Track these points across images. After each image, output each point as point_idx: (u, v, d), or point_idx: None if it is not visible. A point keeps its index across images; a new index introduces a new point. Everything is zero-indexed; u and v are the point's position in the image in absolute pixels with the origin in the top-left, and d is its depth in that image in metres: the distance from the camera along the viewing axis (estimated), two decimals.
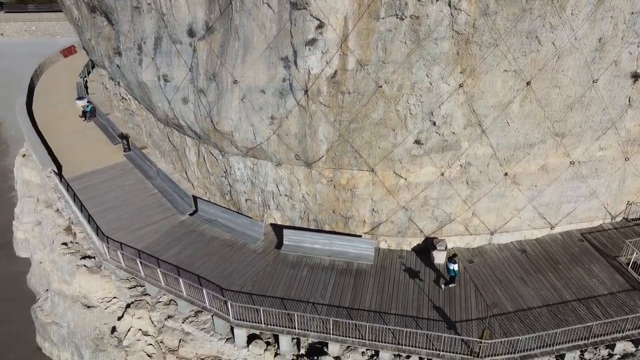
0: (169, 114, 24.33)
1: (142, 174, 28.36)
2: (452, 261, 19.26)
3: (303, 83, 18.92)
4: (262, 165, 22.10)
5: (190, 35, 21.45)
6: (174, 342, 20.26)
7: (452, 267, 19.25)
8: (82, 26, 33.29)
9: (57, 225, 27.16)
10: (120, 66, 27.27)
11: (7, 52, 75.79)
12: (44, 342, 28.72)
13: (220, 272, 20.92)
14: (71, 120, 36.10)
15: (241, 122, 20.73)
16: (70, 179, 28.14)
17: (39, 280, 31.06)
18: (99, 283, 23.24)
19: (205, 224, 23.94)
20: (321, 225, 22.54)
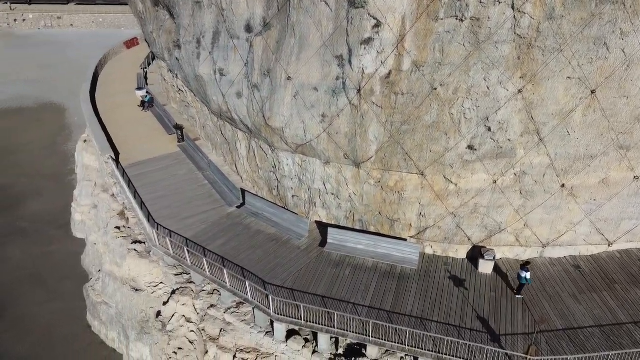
0: (223, 107, 24.80)
1: (194, 165, 29.09)
2: (524, 269, 18.71)
3: (356, 82, 18.81)
4: (310, 162, 22.16)
5: (247, 31, 21.77)
6: (215, 331, 20.66)
7: (524, 275, 18.71)
8: (146, 19, 34.46)
9: (112, 209, 28.29)
10: (179, 59, 28.03)
11: (75, 42, 79.79)
12: (94, 321, 30.02)
13: (263, 266, 21.15)
14: (130, 110, 37.45)
15: (292, 118, 20.86)
16: (126, 166, 29.20)
17: (93, 261, 32.47)
18: (147, 268, 24.03)
19: (252, 218, 24.27)
20: (366, 226, 22.39)
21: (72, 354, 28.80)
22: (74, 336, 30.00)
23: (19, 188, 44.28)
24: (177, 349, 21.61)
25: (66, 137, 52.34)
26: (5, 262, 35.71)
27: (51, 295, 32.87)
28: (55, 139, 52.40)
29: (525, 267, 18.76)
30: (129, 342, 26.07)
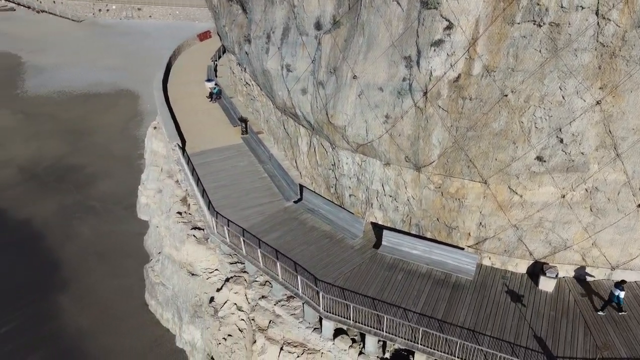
0: (287, 102, 25.10)
1: (255, 158, 29.66)
2: (619, 287, 17.87)
3: (423, 84, 18.46)
4: (370, 163, 22.01)
5: (316, 28, 21.89)
6: (265, 322, 20.98)
7: (617, 294, 17.87)
8: (219, 13, 35.46)
9: (175, 195, 29.36)
10: (248, 53, 28.65)
11: (152, 33, 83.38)
12: (151, 300, 31.31)
13: (316, 262, 21.25)
14: (198, 100, 38.71)
15: (355, 117, 20.78)
16: (191, 154, 30.21)
17: (154, 242, 33.87)
18: (204, 254, 24.76)
19: (308, 213, 24.43)
20: (423, 231, 21.96)
21: (128, 330, 30.18)
22: (131, 313, 31.42)
23: (92, 168, 46.89)
24: (227, 335, 22.15)
25: (138, 123, 54.81)
26: (74, 238, 37.97)
27: (113, 272, 34.58)
28: (128, 124, 55.00)
29: (620, 286, 17.89)
30: (182, 324, 27.02)
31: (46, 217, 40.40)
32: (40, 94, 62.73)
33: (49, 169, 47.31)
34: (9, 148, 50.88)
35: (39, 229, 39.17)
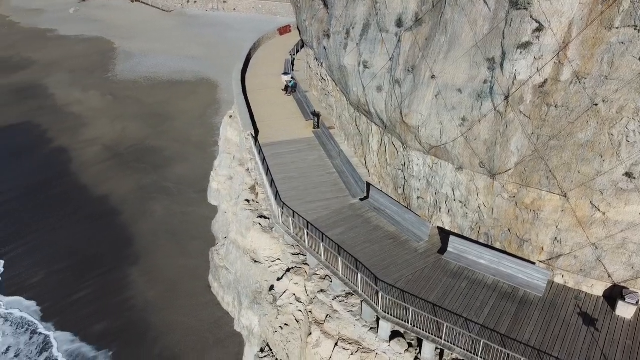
0: (362, 99, 24.97)
1: (325, 152, 29.79)
2: None
3: (505, 88, 17.68)
4: (442, 165, 21.43)
5: (397, 26, 21.58)
6: (322, 315, 21.04)
7: None
8: (301, 7, 35.88)
9: (245, 183, 30.12)
10: (326, 48, 28.77)
11: (235, 25, 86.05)
12: (214, 282, 32.38)
13: (377, 262, 21.01)
14: (274, 92, 39.42)
15: (430, 118, 20.29)
16: (263, 144, 30.83)
17: (221, 227, 34.97)
18: (268, 243, 25.22)
19: (373, 212, 24.21)
20: (492, 241, 21.10)
21: (191, 308, 31.42)
22: (194, 293, 32.68)
23: (170, 152, 49.19)
24: (283, 324, 22.44)
25: (215, 111, 56.78)
26: (148, 216, 40.02)
27: (181, 251, 36.13)
28: (206, 111, 57.12)
29: None
30: (242, 309, 27.71)
31: (124, 194, 42.88)
32: (128, 79, 66.57)
33: (131, 149, 50.16)
34: (97, 127, 54.49)
35: (117, 205, 41.67)
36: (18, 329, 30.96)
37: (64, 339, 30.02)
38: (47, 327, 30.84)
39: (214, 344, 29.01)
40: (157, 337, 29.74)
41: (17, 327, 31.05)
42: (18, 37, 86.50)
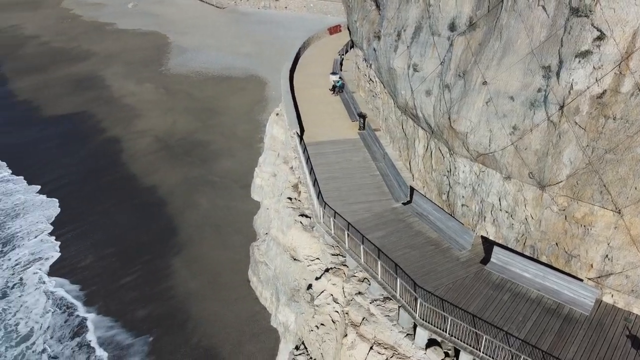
0: (409, 102, 24.72)
1: (369, 154, 29.68)
2: None
3: (561, 98, 17.09)
4: (489, 174, 20.94)
5: (450, 29, 21.22)
6: (358, 318, 21.00)
7: None
8: (353, 8, 35.86)
9: (288, 180, 30.41)
10: (376, 49, 28.64)
11: (285, 23, 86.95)
12: (253, 276, 32.88)
13: (417, 268, 20.77)
14: (321, 92, 39.60)
15: (479, 125, 19.87)
16: (308, 143, 31.02)
17: (263, 223, 35.44)
18: (308, 241, 25.37)
19: (415, 217, 23.94)
20: (538, 254, 20.46)
21: (229, 301, 32.03)
22: (234, 286, 33.30)
23: (217, 146, 50.26)
24: (319, 324, 22.55)
25: (262, 108, 57.57)
26: (194, 208, 41.04)
27: (223, 244, 36.87)
28: (253, 107, 58.01)
29: None
30: (279, 305, 28.02)
31: (172, 186, 44.15)
32: (181, 73, 68.43)
33: (180, 141, 51.57)
34: (149, 119, 56.31)
35: (165, 196, 42.95)
36: (59, 310, 32.39)
37: (102, 324, 31.14)
38: (89, 311, 32.10)
39: (250, 338, 29.48)
40: (195, 326, 30.50)
41: (58, 308, 32.51)
42: (80, 30, 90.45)
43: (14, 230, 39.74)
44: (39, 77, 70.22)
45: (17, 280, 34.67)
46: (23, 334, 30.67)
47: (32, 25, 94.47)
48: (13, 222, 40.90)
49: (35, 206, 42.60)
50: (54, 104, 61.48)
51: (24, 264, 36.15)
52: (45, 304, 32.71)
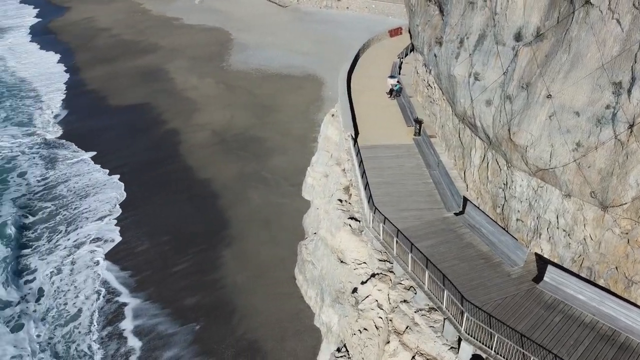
0: (468, 111, 24.27)
1: (423, 161, 29.37)
2: None
3: (631, 116, 16.32)
4: (547, 190, 20.27)
5: (516, 39, 20.67)
6: (402, 326, 20.89)
7: None
8: (415, 12, 35.54)
9: (339, 182, 30.56)
10: (437, 55, 28.27)
11: (346, 23, 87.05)
12: (299, 275, 33.26)
13: (465, 281, 20.41)
14: (378, 95, 39.47)
15: (541, 139, 19.26)
16: (362, 146, 31.05)
17: (312, 222, 35.77)
18: (356, 245, 25.44)
19: (466, 229, 23.51)
20: (595, 276, 19.61)
21: (274, 297, 32.52)
22: (279, 281, 33.78)
23: (271, 143, 51.10)
24: (362, 328, 22.59)
25: (317, 108, 57.96)
26: (245, 203, 41.96)
27: (272, 240, 37.46)
28: (309, 107, 58.49)
29: None
30: (323, 305, 28.25)
31: (226, 180, 45.30)
32: (241, 69, 69.97)
33: (236, 137, 52.80)
34: (208, 113, 57.97)
35: (218, 189, 44.13)
36: (104, 293, 33.81)
37: (146, 312, 32.01)
38: (137, 297, 33.24)
39: (292, 335, 29.85)
40: (241, 319, 31.21)
41: (105, 292, 33.91)
42: (148, 24, 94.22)
43: (81, 211, 42.10)
44: (109, 67, 73.76)
45: (72, 260, 36.63)
46: (72, 313, 32.36)
47: (105, 17, 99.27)
48: (81, 202, 43.34)
49: (104, 189, 45.01)
50: (121, 94, 64.44)
51: (82, 244, 38.21)
52: (94, 286, 34.39)
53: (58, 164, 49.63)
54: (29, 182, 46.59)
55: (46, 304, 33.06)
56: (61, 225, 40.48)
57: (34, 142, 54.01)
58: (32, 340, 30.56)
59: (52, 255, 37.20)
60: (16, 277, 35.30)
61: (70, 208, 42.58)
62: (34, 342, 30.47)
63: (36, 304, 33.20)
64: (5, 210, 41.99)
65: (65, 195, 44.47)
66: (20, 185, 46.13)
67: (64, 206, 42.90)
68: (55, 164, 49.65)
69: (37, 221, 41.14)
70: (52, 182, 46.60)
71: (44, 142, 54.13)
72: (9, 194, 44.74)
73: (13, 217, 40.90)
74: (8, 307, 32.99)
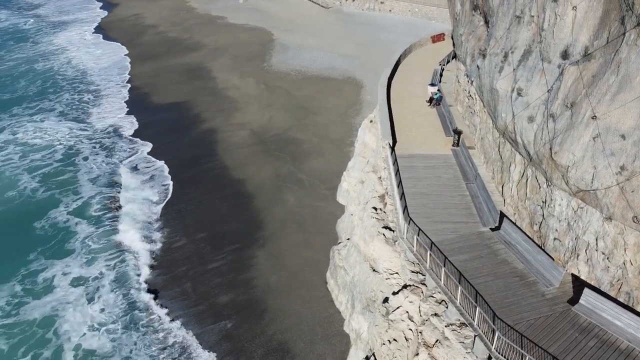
0: (509, 126, 24.04)
1: (460, 173, 29.17)
2: None
3: None
4: (588, 211, 19.91)
5: (563, 57, 20.37)
6: (432, 339, 20.95)
7: None
8: (460, 21, 35.24)
9: (375, 190, 30.70)
10: (480, 67, 28.05)
11: (388, 26, 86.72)
12: (331, 279, 33.63)
13: (498, 299, 20.29)
14: (417, 102, 39.25)
15: (583, 160, 18.96)
16: (399, 155, 31.02)
17: (345, 227, 36.05)
18: (389, 255, 25.59)
19: (501, 245, 23.30)
20: (634, 302, 19.16)
21: (306, 299, 33.04)
22: (311, 285, 34.27)
23: (308, 145, 51.62)
24: (392, 338, 22.75)
25: (356, 112, 58.13)
26: (281, 204, 42.62)
27: (306, 243, 38.00)
28: (347, 110, 58.73)
29: None
30: (353, 312, 28.52)
31: (262, 180, 46.12)
32: (281, 70, 70.81)
33: (275, 137, 53.58)
34: (248, 113, 59.01)
35: (255, 189, 45.00)
36: (136, 287, 35.14)
37: (178, 307, 33.08)
38: (172, 291, 34.34)
39: (322, 338, 30.28)
40: (272, 319, 31.85)
41: (139, 286, 35.20)
42: (193, 22, 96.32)
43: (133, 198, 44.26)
44: (154, 64, 75.88)
45: (116, 255, 38.17)
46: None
47: (152, 15, 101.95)
48: (136, 191, 45.58)
49: (157, 180, 46.97)
50: (165, 91, 66.26)
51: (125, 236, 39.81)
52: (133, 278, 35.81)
53: (115, 153, 52.05)
54: (94, 166, 49.28)
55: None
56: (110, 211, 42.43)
57: (90, 133, 56.18)
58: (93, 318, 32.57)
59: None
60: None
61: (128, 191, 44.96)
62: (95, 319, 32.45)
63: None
64: (86, 191, 45.25)
65: (121, 182, 46.83)
66: (91, 168, 49.24)
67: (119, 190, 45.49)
68: (113, 152, 52.20)
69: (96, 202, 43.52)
70: (110, 168, 49.01)
71: (98, 133, 56.30)
72: (83, 174, 47.87)
73: (97, 197, 44.49)
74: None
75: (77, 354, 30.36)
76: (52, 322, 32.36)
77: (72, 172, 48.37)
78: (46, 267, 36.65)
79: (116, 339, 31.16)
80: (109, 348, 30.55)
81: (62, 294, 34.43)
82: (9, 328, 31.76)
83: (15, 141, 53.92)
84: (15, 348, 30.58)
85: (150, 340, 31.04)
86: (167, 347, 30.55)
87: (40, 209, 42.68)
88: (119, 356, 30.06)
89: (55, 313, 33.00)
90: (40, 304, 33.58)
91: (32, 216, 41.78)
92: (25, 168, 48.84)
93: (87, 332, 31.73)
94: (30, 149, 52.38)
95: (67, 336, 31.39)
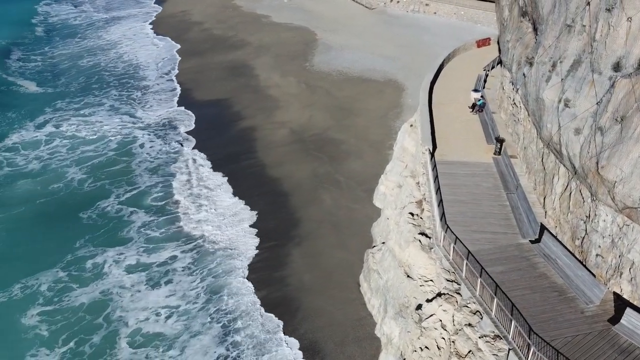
0: (554, 138, 23.54)
1: (501, 182, 28.72)
2: None
3: None
4: (634, 229, 19.32)
5: (614, 70, 19.81)
6: (464, 349, 20.81)
7: None
8: (507, 27, 34.66)
9: (412, 195, 30.59)
10: (526, 75, 27.54)
11: (432, 29, 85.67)
12: (364, 282, 33.70)
13: (535, 313, 19.96)
14: (460, 108, 38.74)
15: (631, 177, 18.41)
16: (439, 161, 30.78)
17: (381, 231, 36.03)
18: (424, 262, 25.49)
19: (541, 258, 22.88)
20: None
21: (338, 301, 33.21)
22: (344, 286, 34.42)
23: (347, 146, 51.70)
24: (424, 346, 22.69)
25: (396, 115, 57.76)
26: (317, 204, 42.93)
27: (340, 244, 38.15)
28: (387, 113, 58.42)
29: None
30: (385, 316, 28.54)
31: (300, 179, 46.52)
32: (323, 70, 71.05)
33: (314, 137, 53.91)
34: (288, 112, 59.56)
35: (292, 187, 45.44)
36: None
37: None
38: None
39: (352, 341, 30.41)
40: (304, 317, 32.20)
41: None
42: (238, 20, 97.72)
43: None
44: (199, 60, 77.47)
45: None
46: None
47: (198, 12, 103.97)
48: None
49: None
50: (208, 88, 67.61)
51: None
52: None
53: (166, 144, 53.82)
54: (151, 155, 51.50)
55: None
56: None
57: (142, 126, 58.08)
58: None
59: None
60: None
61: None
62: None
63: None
64: (143, 180, 47.08)
65: (170, 173, 48.41)
66: (149, 156, 51.28)
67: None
68: (165, 142, 54.11)
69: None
70: (165, 159, 50.86)
71: (151, 126, 58.09)
72: (136, 166, 49.54)
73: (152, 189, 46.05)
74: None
75: (133, 341, 30.93)
76: (103, 308, 33.26)
77: (125, 163, 49.92)
78: (96, 254, 37.73)
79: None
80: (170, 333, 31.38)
81: (116, 280, 35.21)
82: (50, 315, 32.69)
83: (73, 136, 55.73)
84: (57, 334, 31.22)
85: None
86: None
87: (90, 199, 44.06)
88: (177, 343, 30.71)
89: (108, 298, 33.95)
90: (88, 290, 34.57)
91: (80, 206, 43.26)
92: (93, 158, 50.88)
93: (150, 316, 32.46)
94: (83, 140, 54.48)
95: (123, 321, 32.17)
